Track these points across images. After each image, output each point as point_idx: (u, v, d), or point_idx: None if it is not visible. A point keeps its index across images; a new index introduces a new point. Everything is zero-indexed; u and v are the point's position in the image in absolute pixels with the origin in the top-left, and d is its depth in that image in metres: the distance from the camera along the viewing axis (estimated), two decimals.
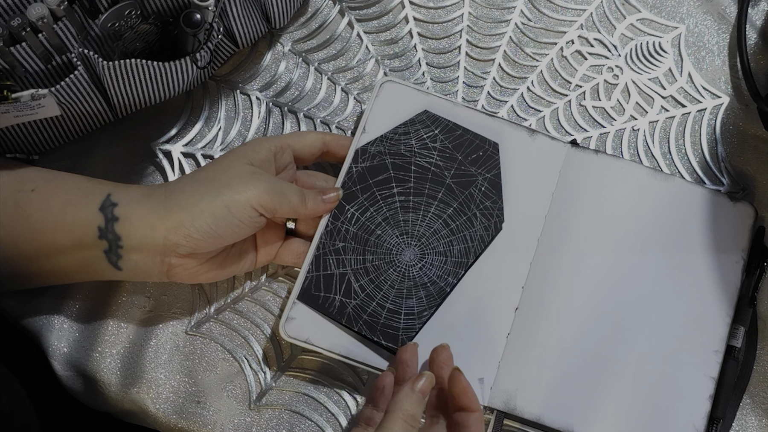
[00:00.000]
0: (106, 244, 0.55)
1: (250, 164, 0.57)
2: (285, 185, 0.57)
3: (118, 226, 0.55)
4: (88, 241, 0.55)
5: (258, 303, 0.63)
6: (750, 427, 0.61)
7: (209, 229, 0.55)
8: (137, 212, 0.55)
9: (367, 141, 0.63)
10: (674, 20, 0.70)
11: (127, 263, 0.56)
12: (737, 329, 0.61)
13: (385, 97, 0.64)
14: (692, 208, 0.63)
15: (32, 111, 0.57)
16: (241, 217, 0.55)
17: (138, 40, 0.59)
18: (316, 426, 0.60)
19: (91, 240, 0.55)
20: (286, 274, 0.63)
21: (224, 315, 0.63)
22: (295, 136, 0.61)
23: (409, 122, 0.63)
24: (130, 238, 0.55)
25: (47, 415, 0.59)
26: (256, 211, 0.56)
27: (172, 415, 0.61)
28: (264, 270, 0.64)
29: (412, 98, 0.64)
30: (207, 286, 0.63)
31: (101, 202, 0.56)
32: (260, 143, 0.59)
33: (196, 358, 0.62)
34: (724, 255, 0.62)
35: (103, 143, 0.66)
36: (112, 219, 0.55)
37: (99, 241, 0.55)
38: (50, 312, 0.61)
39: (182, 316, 0.63)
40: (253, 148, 0.58)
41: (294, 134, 0.61)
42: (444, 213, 0.61)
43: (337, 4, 0.69)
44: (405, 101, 0.64)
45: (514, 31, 0.70)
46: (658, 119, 0.68)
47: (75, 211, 0.56)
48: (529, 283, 0.61)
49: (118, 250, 0.55)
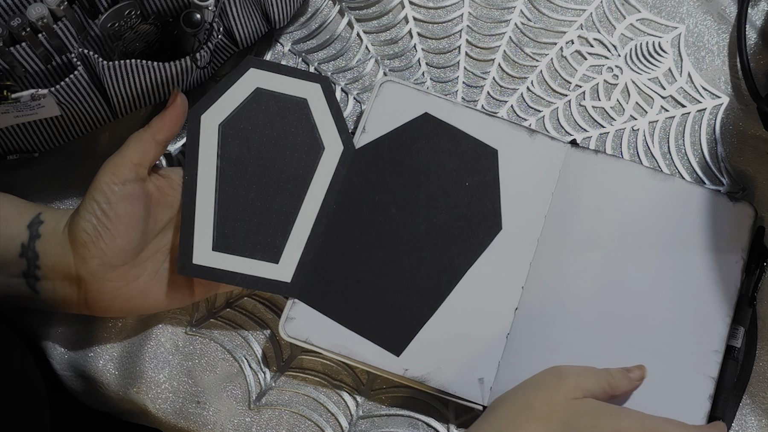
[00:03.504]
0: (24, 264, 0.56)
1: None
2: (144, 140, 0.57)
3: (38, 243, 0.56)
4: (9, 258, 0.56)
5: (258, 303, 0.63)
6: (750, 427, 0.61)
7: (90, 223, 0.55)
8: (56, 231, 0.56)
9: (367, 141, 0.63)
10: (674, 20, 0.70)
11: (45, 287, 0.56)
12: (737, 329, 0.61)
13: (385, 97, 0.64)
14: (692, 209, 0.63)
15: (32, 111, 0.57)
16: (106, 190, 0.55)
17: (138, 41, 0.59)
18: (316, 426, 0.60)
19: (12, 257, 0.56)
20: None
21: (224, 315, 0.63)
22: (132, 150, 0.57)
23: (408, 125, 0.63)
24: (46, 256, 0.56)
25: None
26: (114, 176, 0.55)
27: (171, 415, 0.61)
28: None
29: (412, 99, 0.64)
30: None
31: (31, 219, 0.57)
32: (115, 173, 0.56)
33: (196, 358, 0.62)
34: (723, 255, 0.62)
35: (103, 143, 0.66)
36: (36, 236, 0.56)
37: (19, 260, 0.56)
38: (50, 312, 0.61)
39: (182, 316, 0.63)
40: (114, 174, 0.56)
41: (128, 150, 0.57)
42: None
43: (336, 4, 0.69)
44: (405, 102, 0.64)
45: (514, 31, 0.70)
46: (657, 119, 0.68)
47: (6, 225, 0.56)
48: (529, 283, 0.61)
49: (35, 271, 0.56)
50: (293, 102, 0.62)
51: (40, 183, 0.65)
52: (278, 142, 0.61)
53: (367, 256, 0.60)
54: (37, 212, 0.57)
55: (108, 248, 0.55)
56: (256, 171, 0.60)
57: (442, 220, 0.61)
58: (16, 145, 0.62)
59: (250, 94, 0.61)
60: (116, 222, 0.55)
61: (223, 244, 0.59)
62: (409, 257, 0.61)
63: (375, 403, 0.61)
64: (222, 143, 0.60)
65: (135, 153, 0.56)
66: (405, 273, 0.60)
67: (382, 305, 0.60)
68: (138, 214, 0.56)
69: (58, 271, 0.56)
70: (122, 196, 0.55)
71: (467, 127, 0.63)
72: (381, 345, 0.59)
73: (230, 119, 0.61)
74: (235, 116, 0.61)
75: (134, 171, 0.56)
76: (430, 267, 0.60)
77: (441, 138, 0.63)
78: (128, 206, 0.56)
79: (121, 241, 0.56)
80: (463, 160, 0.63)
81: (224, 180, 0.60)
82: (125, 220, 0.56)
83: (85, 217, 0.55)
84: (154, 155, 0.57)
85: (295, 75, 0.62)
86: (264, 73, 0.62)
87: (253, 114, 0.61)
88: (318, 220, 0.60)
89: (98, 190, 0.55)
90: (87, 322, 0.62)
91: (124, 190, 0.55)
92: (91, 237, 0.55)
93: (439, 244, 0.61)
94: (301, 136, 0.61)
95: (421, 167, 0.62)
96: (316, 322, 0.59)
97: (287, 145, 0.61)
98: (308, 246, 0.60)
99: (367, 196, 0.61)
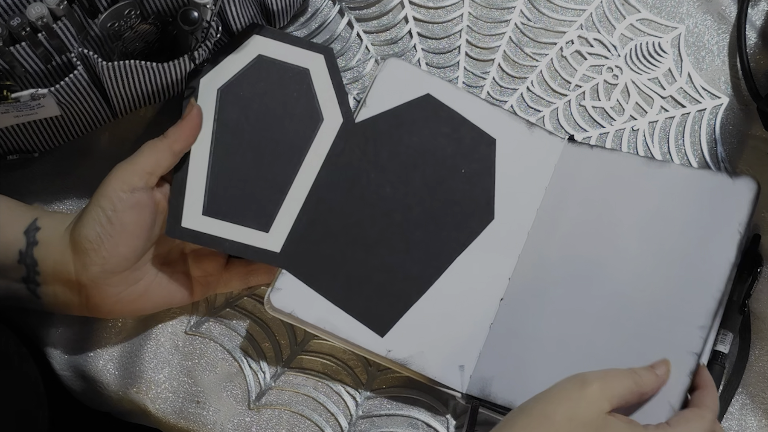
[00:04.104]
0: (24, 270, 0.55)
1: None
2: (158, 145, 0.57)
3: (36, 250, 0.55)
4: (8, 264, 0.55)
5: (258, 302, 0.63)
6: (750, 427, 0.61)
7: (93, 231, 0.54)
8: (55, 238, 0.56)
9: (367, 116, 0.62)
10: (674, 20, 0.70)
11: (46, 292, 0.56)
12: (725, 335, 0.60)
13: (388, 74, 0.63)
14: (689, 191, 0.62)
15: (32, 111, 0.57)
16: (113, 197, 0.55)
17: (138, 40, 0.59)
18: (316, 426, 0.60)
19: (11, 263, 0.55)
20: None
21: (224, 315, 0.63)
22: (145, 158, 0.57)
23: (409, 104, 0.62)
24: (46, 263, 0.55)
25: None
26: (123, 183, 0.55)
27: (171, 415, 0.61)
28: None
29: (416, 78, 0.63)
30: None
31: (27, 225, 0.56)
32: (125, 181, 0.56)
33: (196, 357, 0.62)
34: (719, 230, 0.60)
35: (103, 143, 0.66)
36: (33, 243, 0.56)
37: (18, 266, 0.55)
38: (50, 313, 0.61)
39: (181, 316, 0.63)
40: None
41: (142, 158, 0.57)
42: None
43: (336, 4, 0.69)
44: (408, 81, 0.63)
45: (514, 31, 0.70)
46: (657, 119, 0.68)
47: (1, 232, 0.56)
48: (516, 274, 0.61)
49: (35, 277, 0.56)
50: (295, 71, 0.62)
51: (39, 183, 0.65)
52: (277, 110, 0.60)
53: (358, 232, 0.60)
54: (34, 218, 0.57)
55: (110, 256, 0.55)
56: (253, 138, 0.60)
57: (435, 204, 0.61)
58: (15, 145, 0.62)
59: (251, 61, 0.61)
60: (120, 230, 0.55)
61: (213, 209, 0.58)
62: (401, 238, 0.60)
63: (375, 403, 0.61)
64: (220, 107, 0.60)
65: (148, 161, 0.56)
66: (395, 254, 0.60)
67: (369, 284, 0.59)
68: (144, 223, 0.56)
69: (59, 276, 0.56)
70: (129, 205, 0.55)
71: (468, 113, 0.63)
72: (366, 324, 0.58)
73: (230, 84, 0.60)
74: (235, 81, 0.60)
75: (144, 179, 0.56)
76: (419, 250, 0.60)
77: (441, 121, 0.62)
78: (134, 215, 0.55)
79: (124, 249, 0.55)
80: (461, 146, 0.62)
81: (219, 145, 0.59)
82: (130, 228, 0.55)
83: (88, 224, 0.55)
84: (168, 165, 0.57)
85: (298, 44, 0.62)
86: (267, 40, 0.62)
87: (253, 81, 0.61)
88: (312, 192, 0.60)
89: (105, 197, 0.55)
90: (87, 323, 0.62)
91: (132, 198, 0.55)
92: (93, 245, 0.54)
93: (431, 228, 0.61)
94: (300, 105, 0.61)
95: (419, 149, 0.62)
96: (303, 295, 0.58)
97: (286, 114, 0.60)
98: (300, 217, 0.59)
99: (363, 171, 0.61)
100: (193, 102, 0.59)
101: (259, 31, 0.61)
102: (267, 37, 0.61)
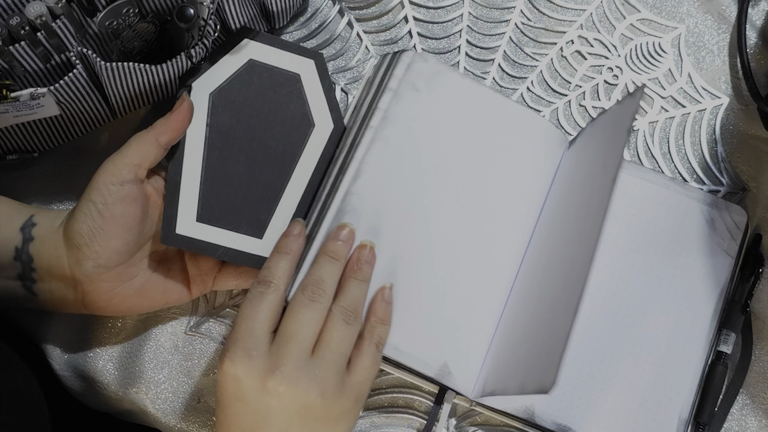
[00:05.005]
0: (19, 267, 0.56)
1: None
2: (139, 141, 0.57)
3: (32, 246, 0.56)
4: (4, 261, 0.56)
5: None
6: (750, 427, 0.61)
7: (85, 225, 0.55)
8: (49, 233, 0.56)
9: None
10: (674, 20, 0.70)
11: (42, 289, 0.56)
12: (728, 335, 0.60)
13: None
14: (684, 212, 0.62)
15: (31, 110, 0.57)
16: (103, 190, 0.55)
17: (136, 39, 0.59)
18: None
19: (7, 261, 0.56)
20: None
21: (223, 315, 0.63)
22: (132, 151, 0.57)
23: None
24: (41, 258, 0.56)
25: None
26: (112, 176, 0.55)
27: (171, 415, 0.61)
28: None
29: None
30: None
31: (23, 222, 0.57)
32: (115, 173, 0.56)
33: (196, 358, 0.62)
34: (715, 255, 0.61)
35: (103, 143, 0.66)
36: (29, 239, 0.56)
37: (14, 263, 0.56)
38: (49, 312, 0.61)
39: (181, 316, 0.63)
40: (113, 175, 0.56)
41: (129, 150, 0.57)
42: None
43: (336, 4, 0.69)
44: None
45: (514, 31, 0.70)
46: (657, 119, 0.68)
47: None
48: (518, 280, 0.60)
49: (31, 274, 0.56)
50: (286, 76, 0.62)
51: (39, 183, 0.65)
52: (269, 115, 0.61)
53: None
54: (30, 214, 0.57)
55: (103, 250, 0.55)
56: (245, 143, 0.60)
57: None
58: (15, 145, 0.62)
59: (243, 65, 0.61)
60: (112, 223, 0.55)
61: (207, 216, 0.59)
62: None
63: (375, 403, 0.61)
64: (211, 112, 0.60)
65: (136, 153, 0.56)
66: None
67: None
68: (134, 215, 0.56)
69: (54, 273, 0.56)
70: (119, 197, 0.55)
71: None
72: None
73: (221, 89, 0.61)
74: (227, 86, 0.61)
75: (133, 172, 0.56)
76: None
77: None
78: (125, 207, 0.55)
79: (116, 242, 0.55)
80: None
81: (212, 150, 0.60)
82: (121, 221, 0.55)
83: (80, 219, 0.55)
84: (154, 157, 0.57)
85: (289, 49, 0.62)
86: (258, 44, 0.62)
87: (244, 85, 0.61)
88: (304, 198, 0.60)
89: (95, 190, 0.55)
90: (86, 323, 0.62)
91: (121, 191, 0.55)
92: (86, 239, 0.55)
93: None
94: (291, 111, 0.61)
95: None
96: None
97: (277, 120, 0.61)
98: None
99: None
100: (185, 96, 0.59)
101: (250, 36, 0.61)
102: (258, 42, 0.62)
